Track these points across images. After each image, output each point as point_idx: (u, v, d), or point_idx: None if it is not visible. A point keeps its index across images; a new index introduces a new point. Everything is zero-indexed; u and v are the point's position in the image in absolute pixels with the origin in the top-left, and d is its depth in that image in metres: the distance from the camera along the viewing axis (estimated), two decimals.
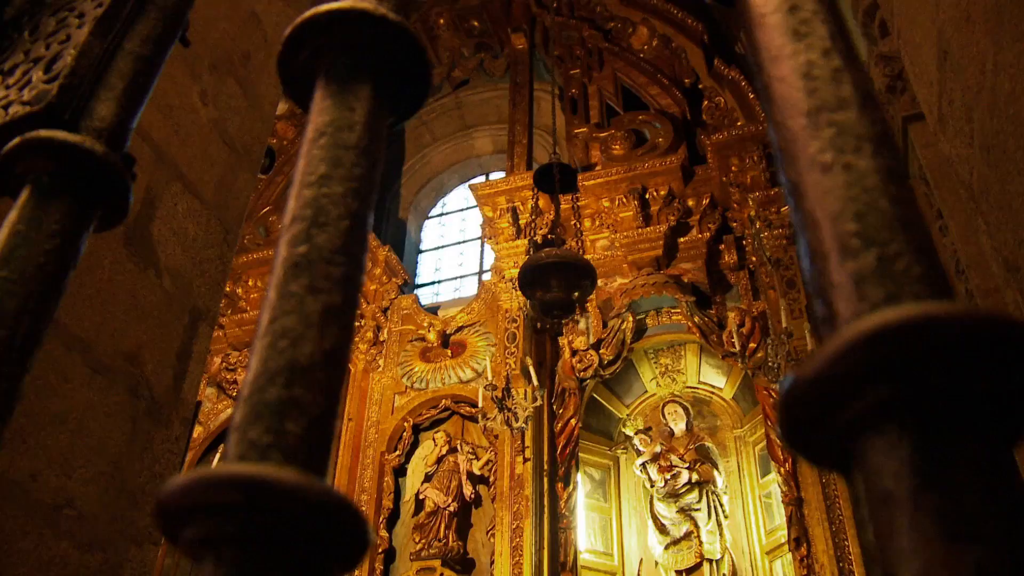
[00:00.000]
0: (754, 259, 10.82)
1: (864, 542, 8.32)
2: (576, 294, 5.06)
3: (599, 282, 9.99)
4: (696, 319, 10.49)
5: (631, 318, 10.90)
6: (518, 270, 6.21)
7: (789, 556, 9.27)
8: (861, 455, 0.29)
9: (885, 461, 0.28)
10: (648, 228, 11.34)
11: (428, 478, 11.18)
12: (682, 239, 11.40)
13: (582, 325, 11.12)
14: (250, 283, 13.26)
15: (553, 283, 4.96)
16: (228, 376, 12.64)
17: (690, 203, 11.65)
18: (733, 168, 11.22)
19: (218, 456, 12.18)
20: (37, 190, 0.64)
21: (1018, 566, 0.26)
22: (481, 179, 14.92)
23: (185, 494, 0.35)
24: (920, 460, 0.28)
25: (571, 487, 10.23)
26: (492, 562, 9.93)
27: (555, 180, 7.52)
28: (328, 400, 0.39)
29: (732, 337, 10.08)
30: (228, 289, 12.33)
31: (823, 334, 0.32)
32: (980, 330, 0.28)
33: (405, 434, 11.71)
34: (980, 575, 0.26)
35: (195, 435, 11.75)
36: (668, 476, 10.22)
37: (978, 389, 0.29)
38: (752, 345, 9.96)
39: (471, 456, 11.18)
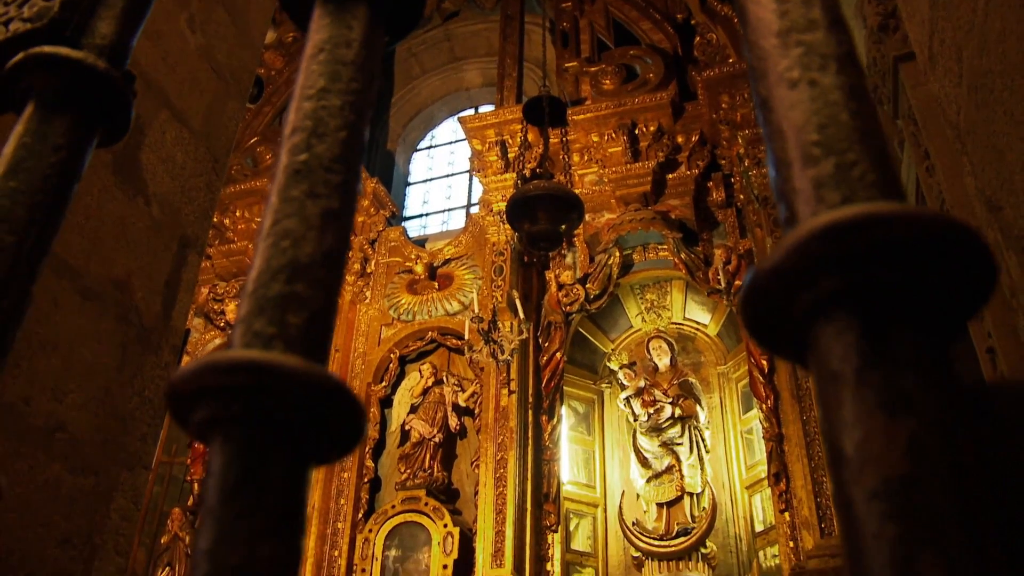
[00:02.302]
0: (742, 197, 10.82)
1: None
2: (563, 227, 5.08)
3: (587, 217, 10.02)
4: (683, 255, 10.53)
5: (618, 253, 10.94)
6: (506, 203, 6.21)
7: (768, 491, 9.43)
8: (814, 341, 0.33)
9: (834, 345, 0.32)
10: (637, 164, 11.32)
11: (414, 409, 11.28)
12: (670, 175, 11.39)
13: (569, 259, 11.16)
14: (238, 214, 13.21)
15: (541, 215, 4.97)
16: (215, 307, 12.67)
17: (679, 140, 11.61)
18: (723, 105, 11.17)
19: None
20: (41, 105, 0.66)
21: (945, 436, 0.30)
22: (470, 112, 14.83)
23: (196, 378, 0.38)
24: (865, 344, 0.31)
25: (555, 420, 10.35)
26: (476, 492, 10.07)
27: (544, 113, 7.50)
28: (327, 296, 0.42)
29: (718, 274, 10.12)
30: (216, 220, 12.31)
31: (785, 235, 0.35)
32: (922, 228, 0.31)
33: (391, 365, 11.79)
34: (913, 443, 0.29)
35: (183, 364, 11.80)
36: (651, 410, 10.33)
37: (919, 282, 0.32)
38: (738, 283, 10.01)
39: (456, 388, 11.27)
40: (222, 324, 12.49)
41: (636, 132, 11.57)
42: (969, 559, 0.28)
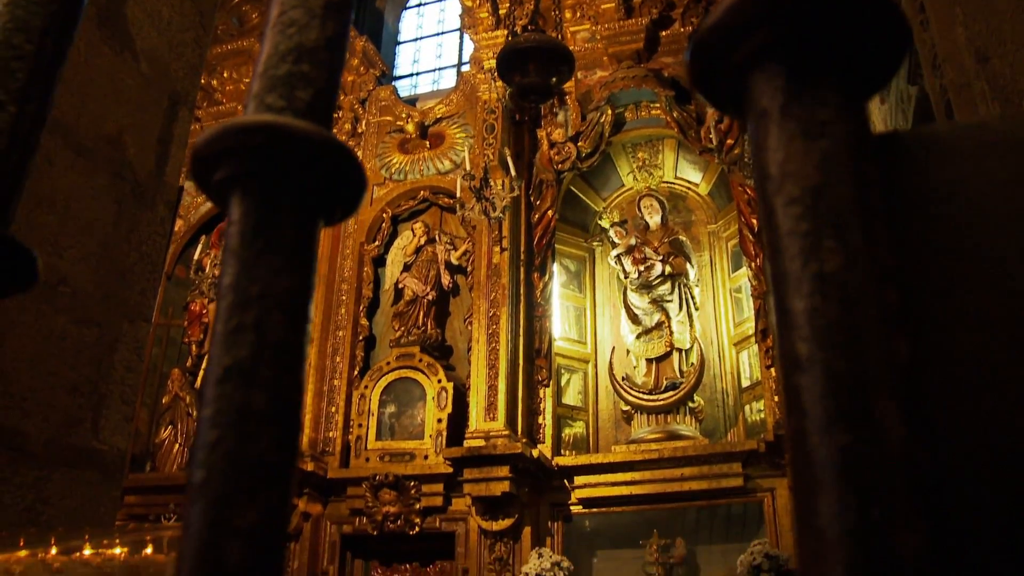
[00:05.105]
0: None
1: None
2: (554, 80, 5.06)
3: (578, 74, 9.92)
4: (675, 114, 10.46)
5: (610, 111, 10.85)
6: (496, 57, 6.14)
7: (755, 347, 9.62)
8: (748, 86, 0.38)
9: (764, 87, 0.37)
10: (630, 20, 11.13)
11: (407, 268, 11.37)
12: (664, 32, 11.22)
13: (560, 117, 11.08)
14: (225, 75, 13.06)
15: (531, 68, 4.95)
16: None
17: None
18: None
19: (200, 247, 12.31)
20: None
21: (852, 154, 0.36)
22: None
23: (216, 141, 0.43)
24: (789, 85, 0.37)
25: (547, 277, 10.45)
26: (469, 348, 10.26)
27: None
28: (330, 75, 0.47)
29: (710, 133, 10.07)
30: (203, 82, 12.16)
31: None
32: None
33: (384, 225, 11.83)
34: (825, 159, 0.35)
35: (176, 228, 11.84)
36: (642, 268, 10.43)
37: (838, 37, 0.37)
38: (729, 141, 9.97)
39: (449, 246, 11.34)
40: None
41: None
42: (862, 247, 0.34)
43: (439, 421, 10.17)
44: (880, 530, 0.30)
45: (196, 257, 12.44)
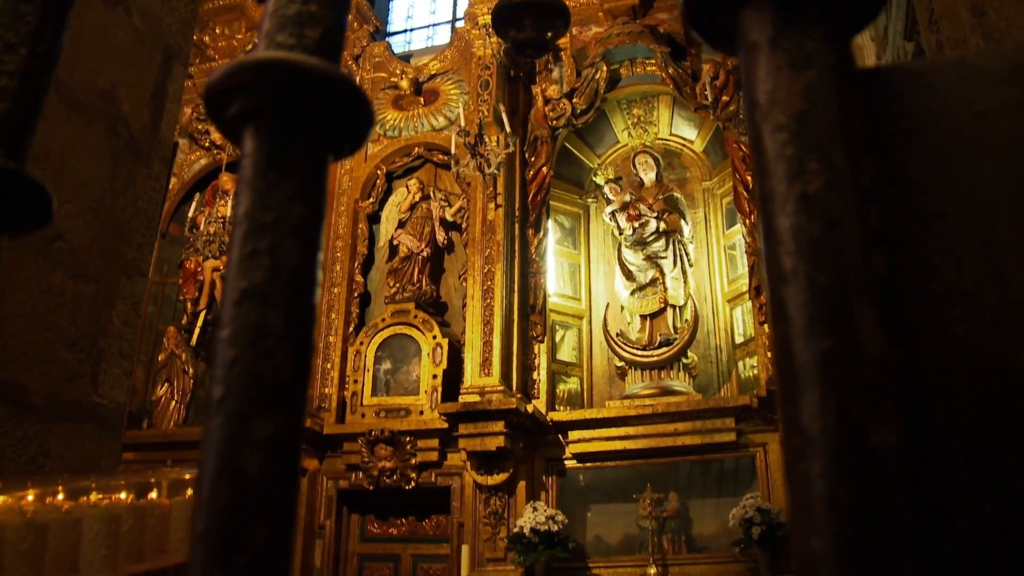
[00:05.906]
0: None
1: None
2: (549, 34, 5.03)
3: (574, 30, 9.86)
4: (670, 70, 10.41)
5: (605, 68, 10.80)
6: (491, 12, 6.09)
7: (749, 304, 9.66)
8: (738, 22, 0.40)
9: (754, 23, 0.39)
10: None
11: (402, 224, 11.36)
12: None
13: (556, 74, 11.03)
14: (217, 31, 12.97)
15: (527, 22, 4.93)
16: (199, 127, 12.58)
17: None
18: None
19: (194, 204, 12.28)
20: None
21: (836, 83, 0.38)
22: None
23: (230, 76, 0.45)
24: (778, 18, 0.39)
25: (541, 233, 10.47)
26: (464, 305, 10.29)
27: None
28: (338, 15, 0.49)
29: (705, 89, 10.03)
30: (196, 38, 12.07)
31: None
32: None
33: (378, 181, 11.81)
34: (810, 88, 0.38)
35: (170, 186, 11.82)
36: (636, 224, 10.43)
37: None
38: (725, 98, 9.93)
39: (444, 203, 11.33)
40: (207, 144, 12.43)
41: None
42: (844, 169, 0.36)
43: (434, 377, 10.22)
44: (859, 426, 0.32)
45: (190, 215, 12.44)
